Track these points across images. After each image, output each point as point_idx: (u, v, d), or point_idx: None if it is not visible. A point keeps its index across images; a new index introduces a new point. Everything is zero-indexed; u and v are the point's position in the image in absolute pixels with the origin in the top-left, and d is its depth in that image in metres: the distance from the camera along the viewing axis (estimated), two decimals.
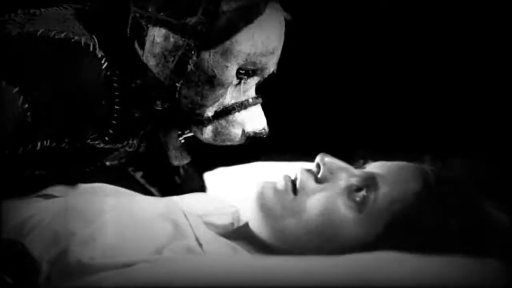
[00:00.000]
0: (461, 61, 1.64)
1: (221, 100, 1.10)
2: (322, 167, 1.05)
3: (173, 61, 1.06)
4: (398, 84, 1.68)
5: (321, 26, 1.65)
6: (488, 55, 1.63)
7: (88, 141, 1.10)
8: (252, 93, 1.12)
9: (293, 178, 1.06)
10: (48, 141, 1.07)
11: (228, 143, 1.13)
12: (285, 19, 1.11)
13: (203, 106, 1.09)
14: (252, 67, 1.09)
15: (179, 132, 1.17)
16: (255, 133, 1.12)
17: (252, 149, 1.17)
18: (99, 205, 1.08)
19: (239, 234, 1.08)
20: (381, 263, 0.91)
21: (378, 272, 0.88)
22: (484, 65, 1.63)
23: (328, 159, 1.05)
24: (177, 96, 1.08)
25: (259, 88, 1.14)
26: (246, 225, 1.07)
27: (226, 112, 1.10)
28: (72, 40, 1.06)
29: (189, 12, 1.05)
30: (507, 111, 1.60)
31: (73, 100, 1.05)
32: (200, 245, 1.03)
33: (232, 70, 1.07)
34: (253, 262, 0.96)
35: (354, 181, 1.03)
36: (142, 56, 1.08)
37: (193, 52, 1.05)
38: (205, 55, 1.06)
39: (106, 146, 1.12)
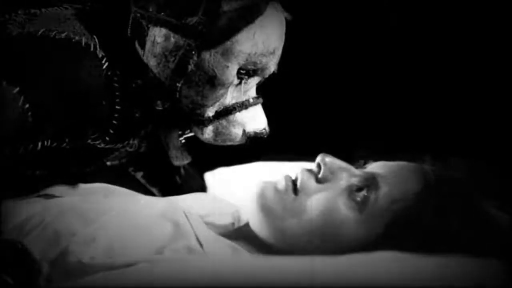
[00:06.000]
0: (461, 61, 1.64)
1: (221, 100, 1.10)
2: (322, 167, 1.05)
3: (173, 61, 1.06)
4: (398, 84, 1.68)
5: (321, 26, 1.65)
6: (488, 55, 1.63)
7: (89, 141, 1.10)
8: (252, 93, 1.12)
9: (293, 178, 1.06)
10: (49, 141, 1.07)
11: (229, 143, 1.13)
12: (286, 19, 1.11)
13: (204, 106, 1.09)
14: (253, 67, 1.09)
15: (180, 132, 1.17)
16: (255, 133, 1.12)
17: (252, 149, 1.17)
18: (99, 205, 1.08)
19: (240, 234, 1.08)
20: (381, 263, 0.91)
21: (378, 272, 0.89)
22: (484, 65, 1.63)
23: (329, 159, 1.05)
24: (177, 96, 1.08)
25: (259, 88, 1.14)
26: (247, 225, 1.07)
27: (226, 112, 1.10)
28: (73, 40, 1.06)
29: (189, 12, 1.05)
30: (507, 111, 1.60)
31: (74, 100, 1.05)
32: (201, 245, 1.03)
33: (233, 70, 1.07)
34: (254, 262, 0.96)
35: (354, 181, 1.03)
36: (143, 56, 1.08)
37: (193, 52, 1.05)
38: (206, 55, 1.06)
39: (107, 146, 1.12)
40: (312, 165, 1.07)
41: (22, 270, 0.96)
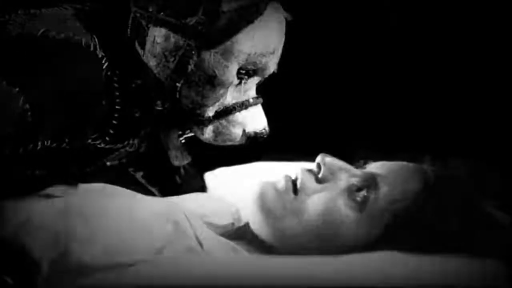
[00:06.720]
0: (461, 61, 1.64)
1: (221, 100, 1.10)
2: (322, 167, 1.05)
3: (173, 61, 1.06)
4: (398, 84, 1.68)
5: (321, 26, 1.65)
6: (488, 55, 1.63)
7: (89, 141, 1.10)
8: (252, 93, 1.12)
9: (293, 178, 1.06)
10: (49, 141, 1.07)
11: (229, 143, 1.13)
12: (286, 19, 1.11)
13: (204, 106, 1.09)
14: (253, 67, 1.09)
15: (180, 132, 1.17)
16: (255, 133, 1.12)
17: (252, 149, 1.17)
18: (99, 205, 1.08)
19: (240, 234, 1.08)
20: (381, 263, 0.91)
21: (378, 272, 0.89)
22: (484, 65, 1.63)
23: (329, 159, 1.05)
24: (177, 96, 1.08)
25: (259, 88, 1.14)
26: (247, 225, 1.07)
27: (226, 112, 1.11)
28: (73, 40, 1.06)
29: (189, 12, 1.05)
30: (507, 111, 1.60)
31: (74, 100, 1.05)
32: (201, 245, 1.03)
33: (233, 70, 1.07)
34: (253, 262, 0.96)
35: (354, 181, 1.03)
36: (143, 56, 1.08)
37: (193, 52, 1.05)
38: (206, 55, 1.06)
39: (107, 146, 1.13)
40: (312, 165, 1.07)
41: (22, 270, 0.96)
